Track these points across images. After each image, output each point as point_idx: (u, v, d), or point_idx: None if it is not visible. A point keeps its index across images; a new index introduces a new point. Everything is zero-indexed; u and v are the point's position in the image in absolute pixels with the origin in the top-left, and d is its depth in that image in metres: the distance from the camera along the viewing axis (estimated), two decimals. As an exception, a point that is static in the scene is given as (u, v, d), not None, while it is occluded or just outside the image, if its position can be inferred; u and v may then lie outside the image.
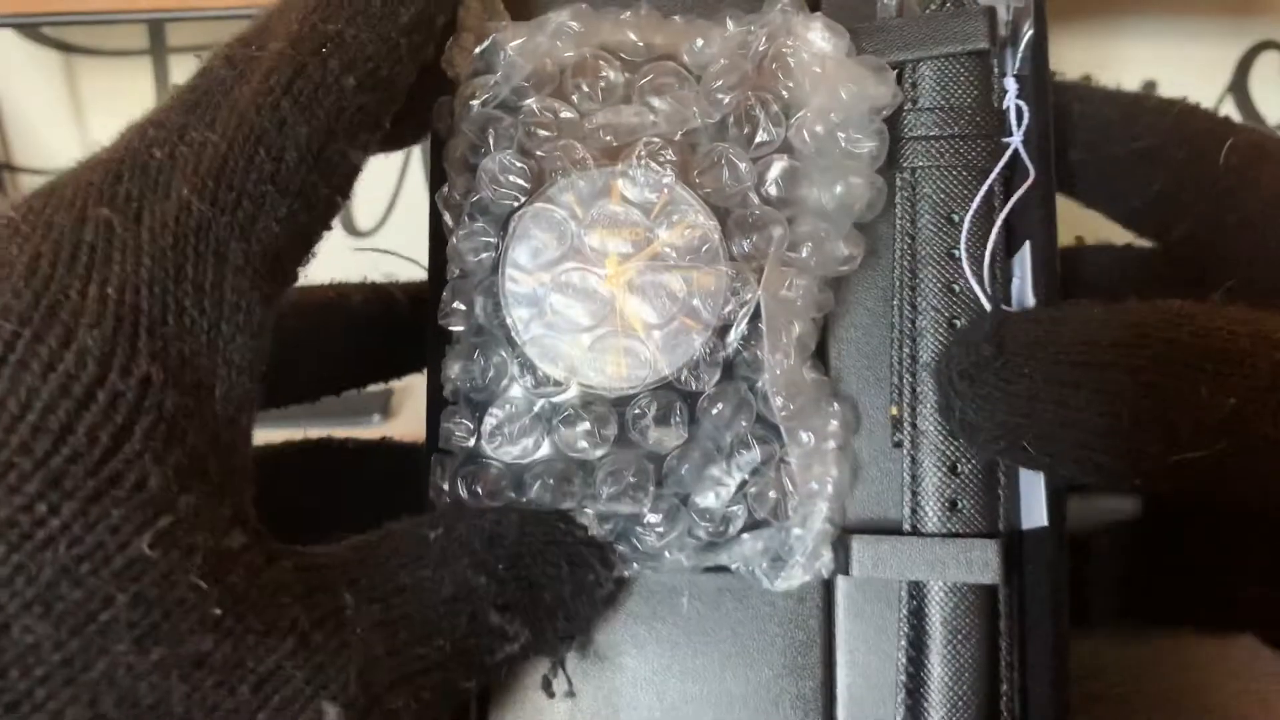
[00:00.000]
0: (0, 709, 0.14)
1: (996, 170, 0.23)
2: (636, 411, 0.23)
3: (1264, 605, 0.24)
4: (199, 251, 0.18)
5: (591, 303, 0.23)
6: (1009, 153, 0.23)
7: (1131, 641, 0.22)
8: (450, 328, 0.24)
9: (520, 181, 0.23)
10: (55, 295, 0.16)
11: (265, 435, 0.23)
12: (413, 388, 0.31)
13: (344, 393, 0.30)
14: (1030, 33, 0.22)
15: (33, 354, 0.15)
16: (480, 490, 0.24)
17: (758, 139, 0.23)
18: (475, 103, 0.24)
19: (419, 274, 0.26)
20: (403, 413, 0.55)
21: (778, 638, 0.24)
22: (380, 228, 0.62)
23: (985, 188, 0.23)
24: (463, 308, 0.24)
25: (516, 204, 0.24)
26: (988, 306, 0.23)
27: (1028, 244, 0.22)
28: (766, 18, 0.23)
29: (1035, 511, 0.22)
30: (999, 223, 0.23)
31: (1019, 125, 0.23)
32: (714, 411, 0.23)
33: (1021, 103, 0.23)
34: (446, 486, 0.24)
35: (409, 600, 0.19)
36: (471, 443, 0.24)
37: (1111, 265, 0.28)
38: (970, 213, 0.23)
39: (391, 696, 0.18)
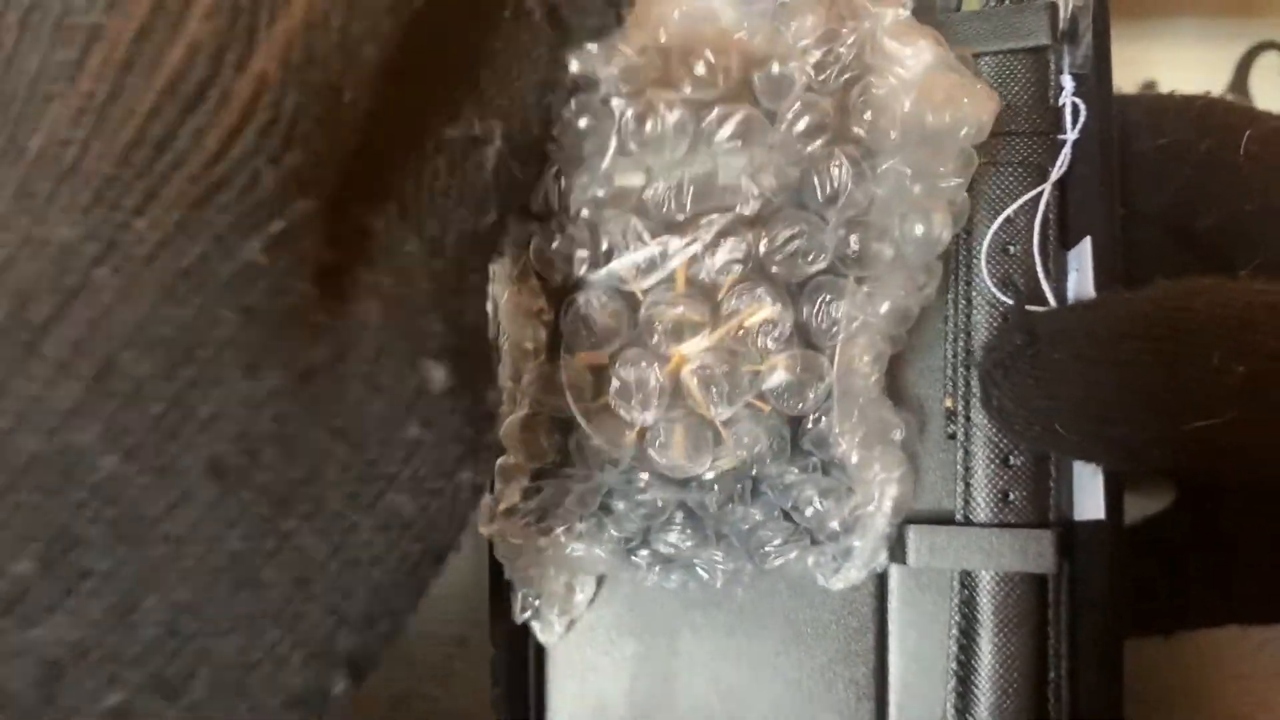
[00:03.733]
0: (119, 455, 0.13)
1: (1056, 169, 0.23)
2: (699, 495, 0.23)
3: None
4: None
5: (654, 387, 0.21)
6: (1065, 151, 0.23)
7: (1130, 642, 0.22)
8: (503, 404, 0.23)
9: (578, 256, 0.22)
10: None
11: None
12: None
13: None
14: (1091, 29, 0.23)
15: (138, 51, 0.13)
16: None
17: (840, 203, 0.21)
18: None
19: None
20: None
21: (831, 625, 0.24)
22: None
23: (1048, 188, 0.23)
24: (512, 384, 0.23)
25: (574, 279, 0.22)
26: (1051, 301, 0.23)
27: (1088, 240, 0.23)
28: (848, 26, 0.21)
29: (1090, 505, 0.23)
30: (1052, 220, 0.23)
31: (1075, 123, 0.23)
32: (780, 486, 0.23)
33: (1078, 100, 0.23)
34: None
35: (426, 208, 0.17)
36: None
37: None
38: (1038, 216, 0.23)
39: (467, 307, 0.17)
